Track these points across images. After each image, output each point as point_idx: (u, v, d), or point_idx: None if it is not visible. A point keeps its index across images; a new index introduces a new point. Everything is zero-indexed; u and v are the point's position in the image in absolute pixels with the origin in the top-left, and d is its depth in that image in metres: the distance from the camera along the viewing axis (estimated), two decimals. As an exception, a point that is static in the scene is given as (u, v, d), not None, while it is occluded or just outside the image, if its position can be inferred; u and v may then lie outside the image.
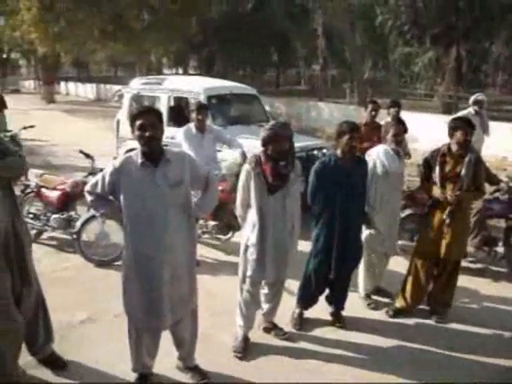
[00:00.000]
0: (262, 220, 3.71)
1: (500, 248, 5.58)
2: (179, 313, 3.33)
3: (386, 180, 4.47)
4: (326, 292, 4.44)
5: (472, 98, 7.79)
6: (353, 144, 3.95)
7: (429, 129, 11.54)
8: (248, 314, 3.98)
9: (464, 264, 5.07)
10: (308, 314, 4.47)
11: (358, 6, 22.06)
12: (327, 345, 4.11)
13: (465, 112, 7.74)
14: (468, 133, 4.19)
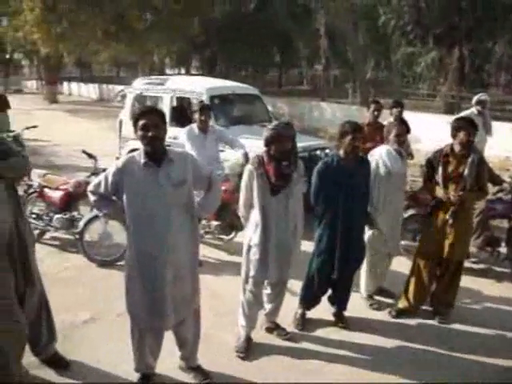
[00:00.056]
0: (265, 220, 3.71)
1: (503, 248, 5.58)
2: (182, 313, 3.33)
3: (389, 180, 4.47)
4: (329, 292, 4.44)
5: (475, 98, 7.77)
6: (356, 144, 3.95)
7: (431, 129, 11.49)
8: (250, 314, 3.98)
9: (467, 264, 5.07)
10: (310, 315, 4.47)
11: (361, 6, 22.01)
12: (329, 345, 4.10)
13: (467, 112, 7.73)
14: (471, 133, 4.19)
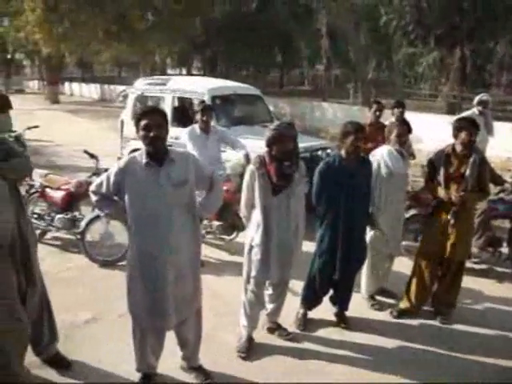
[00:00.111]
0: (267, 220, 3.71)
1: (504, 249, 5.57)
2: (184, 313, 3.33)
3: (390, 181, 4.46)
4: (330, 293, 4.44)
5: (476, 99, 7.75)
6: (358, 144, 3.95)
7: (433, 129, 11.48)
8: (252, 315, 3.98)
9: (468, 265, 5.07)
10: (312, 315, 4.47)
11: (362, 6, 21.99)
12: (331, 345, 4.10)
13: (469, 112, 7.71)
14: (472, 133, 4.18)
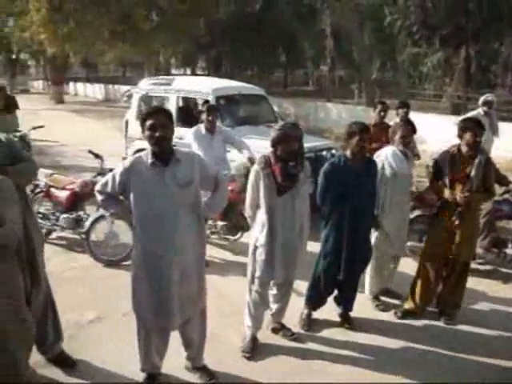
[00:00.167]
0: (271, 220, 3.71)
1: (509, 250, 5.55)
2: (188, 312, 3.33)
3: (395, 181, 4.46)
4: (335, 293, 4.43)
5: (481, 99, 7.75)
6: (363, 145, 3.95)
7: (437, 130, 11.45)
8: (256, 315, 3.98)
9: (473, 266, 5.05)
10: (316, 315, 4.47)
11: (367, 6, 21.94)
12: (335, 346, 4.10)
13: (474, 113, 7.71)
14: (477, 134, 4.17)
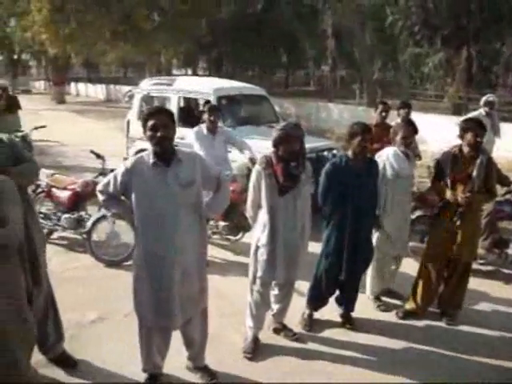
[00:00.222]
0: (273, 221, 3.71)
1: (511, 250, 5.54)
2: (189, 312, 3.33)
3: (396, 182, 4.45)
4: (336, 293, 4.43)
5: (483, 99, 7.74)
6: (365, 145, 3.95)
7: (439, 130, 11.45)
8: (258, 315, 3.98)
9: (475, 266, 5.05)
10: (318, 315, 4.47)
11: (368, 7, 21.93)
12: (337, 346, 4.10)
13: (475, 113, 7.70)
14: (479, 134, 4.17)
